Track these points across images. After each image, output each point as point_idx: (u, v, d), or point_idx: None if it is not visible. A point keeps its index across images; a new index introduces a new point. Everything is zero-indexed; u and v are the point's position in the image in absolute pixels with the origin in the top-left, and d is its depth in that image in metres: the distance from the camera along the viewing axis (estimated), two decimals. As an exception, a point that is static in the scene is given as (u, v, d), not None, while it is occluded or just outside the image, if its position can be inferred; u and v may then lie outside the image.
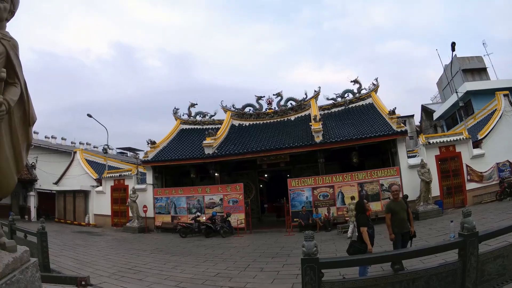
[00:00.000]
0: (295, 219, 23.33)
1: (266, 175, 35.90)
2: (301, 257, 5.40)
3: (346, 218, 20.46)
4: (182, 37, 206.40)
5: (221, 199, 26.26)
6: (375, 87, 30.85)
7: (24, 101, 4.59)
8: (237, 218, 24.55)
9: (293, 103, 33.37)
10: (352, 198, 20.15)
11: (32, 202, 37.92)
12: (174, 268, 12.82)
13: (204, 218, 24.51)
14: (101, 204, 32.75)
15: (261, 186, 34.90)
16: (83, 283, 8.27)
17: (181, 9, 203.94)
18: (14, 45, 4.42)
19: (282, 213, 26.63)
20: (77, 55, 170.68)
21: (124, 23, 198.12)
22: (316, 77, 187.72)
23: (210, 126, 33.68)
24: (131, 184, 30.28)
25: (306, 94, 32.99)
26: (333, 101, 32.22)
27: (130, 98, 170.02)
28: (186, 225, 24.15)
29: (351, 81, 32.02)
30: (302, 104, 32.62)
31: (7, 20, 4.51)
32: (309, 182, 24.26)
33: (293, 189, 24.44)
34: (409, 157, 24.16)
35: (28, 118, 4.70)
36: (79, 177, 36.31)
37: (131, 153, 61.91)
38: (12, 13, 4.55)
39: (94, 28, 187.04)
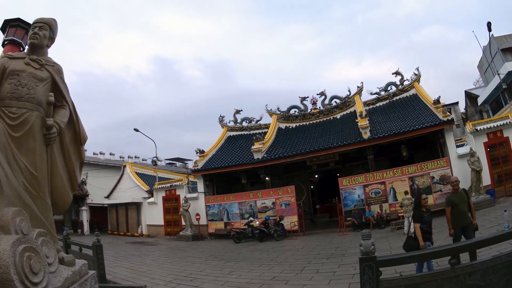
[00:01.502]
0: (348, 218, 23.01)
1: (316, 176, 35.65)
2: (359, 256, 5.31)
3: (400, 214, 20.15)
4: (218, 45, 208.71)
5: (273, 203, 26.15)
6: (417, 77, 30.04)
7: (73, 121, 4.76)
8: (290, 221, 24.35)
9: (337, 101, 32.98)
10: (406, 193, 19.75)
11: (85, 216, 39.09)
12: (230, 273, 12.79)
13: (257, 222, 24.48)
14: (153, 214, 33.25)
15: (312, 187, 34.64)
16: (140, 292, 8.35)
17: (213, 18, 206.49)
18: (59, 70, 4.60)
19: (335, 213, 26.38)
20: (118, 73, 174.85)
21: (159, 38, 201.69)
22: (357, 72, 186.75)
23: (257, 131, 33.40)
24: (182, 193, 30.55)
25: (349, 90, 32.55)
26: (377, 95, 31.68)
27: (174, 109, 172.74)
28: (239, 230, 24.18)
29: (393, 73, 31.37)
30: (347, 101, 32.18)
31: (48, 46, 4.72)
32: (360, 180, 23.92)
33: (345, 188, 24.16)
34: (457, 146, 23.45)
35: (79, 138, 4.90)
36: (130, 189, 37.01)
37: (180, 163, 62.66)
38: (52, 39, 4.75)
39: (131, 46, 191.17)
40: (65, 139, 4.61)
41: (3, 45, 23.58)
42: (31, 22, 4.65)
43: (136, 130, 36.86)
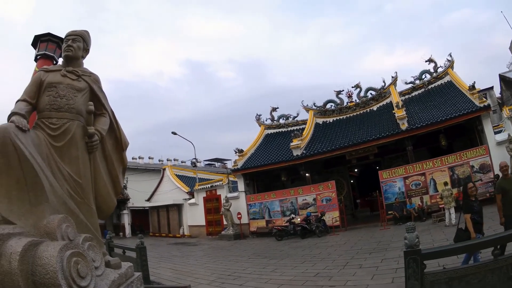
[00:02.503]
0: (389, 212, 22.72)
1: (356, 170, 35.28)
2: (404, 250, 5.29)
3: (441, 206, 19.82)
4: (249, 44, 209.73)
5: (314, 199, 26.06)
6: (451, 63, 29.27)
7: (114, 128, 4.93)
8: (332, 216, 24.22)
9: (373, 92, 32.52)
10: (445, 184, 19.42)
11: (126, 220, 39.94)
12: (273, 271, 12.81)
13: (298, 219, 24.36)
14: (194, 215, 33.63)
15: (352, 181, 34.34)
16: (184, 291, 8.46)
17: (241, 18, 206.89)
18: (96, 79, 4.74)
19: (375, 207, 26.22)
20: (151, 78, 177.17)
21: (189, 42, 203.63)
22: (390, 62, 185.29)
23: (295, 128, 33.50)
24: (223, 193, 30.81)
25: (384, 81, 32.03)
26: (412, 85, 30.99)
27: (209, 111, 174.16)
28: (281, 228, 24.08)
29: (426, 61, 30.69)
30: (382, 93, 31.72)
31: (83, 57, 4.87)
32: (400, 172, 23.58)
33: (385, 181, 23.89)
34: (495, 133, 22.72)
35: (120, 144, 5.09)
36: (170, 192, 37.50)
37: (219, 164, 63.01)
38: (86, 50, 4.90)
39: (162, 52, 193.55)
40: (107, 146, 4.77)
41: (35, 60, 24.32)
42: (61, 36, 4.79)
43: (174, 133, 37.35)
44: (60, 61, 5.28)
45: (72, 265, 2.87)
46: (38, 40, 24.12)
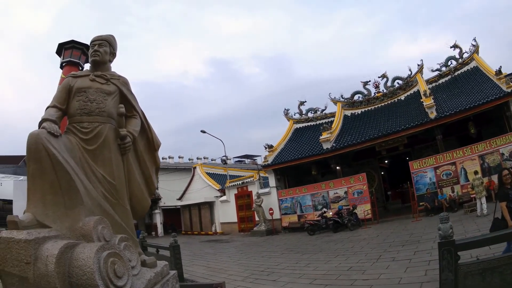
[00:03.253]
0: (420, 203, 22.45)
1: (386, 161, 34.97)
2: (438, 241, 5.26)
3: (472, 196, 19.52)
4: (272, 39, 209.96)
5: (345, 192, 25.96)
6: (476, 48, 28.61)
7: (145, 129, 5.01)
8: (363, 209, 24.11)
9: (400, 82, 32.17)
10: (475, 173, 19.10)
11: (158, 219, 40.73)
12: (306, 266, 12.81)
13: (330, 213, 24.24)
14: (226, 212, 33.91)
15: (382, 173, 34.08)
16: (218, 288, 8.54)
17: (263, 14, 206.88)
18: (125, 82, 4.79)
19: (407, 198, 26.03)
20: (177, 79, 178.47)
21: (213, 41, 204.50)
22: (414, 50, 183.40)
23: (323, 121, 33.41)
24: (254, 189, 30.94)
25: (410, 70, 31.61)
26: (438, 72, 30.45)
27: (236, 108, 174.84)
28: (313, 222, 24.09)
29: (451, 47, 30.05)
30: (409, 81, 31.27)
31: (110, 61, 4.93)
32: (431, 162, 23.27)
33: (416, 172, 23.61)
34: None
35: (152, 144, 5.17)
36: (201, 190, 37.82)
37: (249, 160, 63.11)
38: (113, 54, 4.96)
39: (186, 52, 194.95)
40: (139, 147, 4.85)
41: (61, 67, 24.93)
42: (84, 43, 4.87)
43: (203, 131, 37.52)
44: (86, 66, 5.37)
45: (109, 265, 2.95)
46: (62, 48, 24.93)
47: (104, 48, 4.67)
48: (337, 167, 27.52)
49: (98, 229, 3.37)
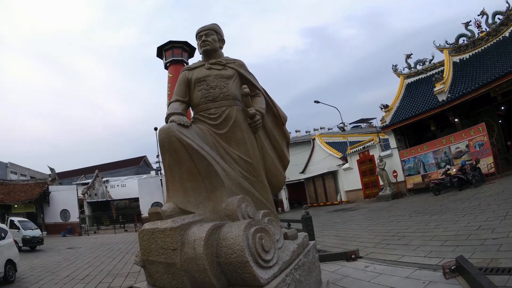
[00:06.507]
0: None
1: (502, 108, 32.92)
2: None
3: None
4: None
5: (467, 146, 24.82)
6: None
7: (270, 105, 5.18)
8: (486, 163, 22.91)
9: (500, 17, 28.58)
10: None
11: (283, 195, 41.18)
12: (436, 227, 12.51)
13: (454, 170, 23.49)
14: (350, 180, 34.04)
15: (500, 121, 32.19)
16: (353, 256, 8.73)
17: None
18: (241, 64, 4.96)
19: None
20: (277, 56, 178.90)
21: (301, 10, 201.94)
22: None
23: (433, 72, 31.81)
24: (375, 153, 30.86)
25: (508, 2, 27.47)
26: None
27: (342, 73, 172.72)
28: (437, 181, 23.37)
29: None
30: (510, 15, 27.61)
31: (221, 48, 5.11)
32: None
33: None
34: None
35: (279, 119, 5.33)
36: (323, 160, 38.12)
37: (365, 124, 62.30)
38: (222, 41, 5.14)
39: (279, 28, 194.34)
40: (267, 124, 5.01)
41: (166, 68, 26.14)
42: (181, 40, 5.02)
43: (316, 101, 37.71)
44: (190, 62, 5.56)
45: (257, 241, 3.12)
46: (162, 50, 26.44)
47: (211, 37, 4.86)
48: (455, 119, 26.38)
49: (242, 207, 3.56)
